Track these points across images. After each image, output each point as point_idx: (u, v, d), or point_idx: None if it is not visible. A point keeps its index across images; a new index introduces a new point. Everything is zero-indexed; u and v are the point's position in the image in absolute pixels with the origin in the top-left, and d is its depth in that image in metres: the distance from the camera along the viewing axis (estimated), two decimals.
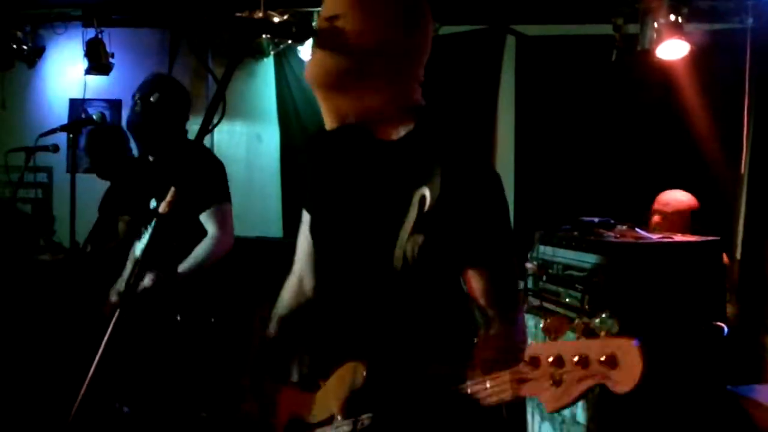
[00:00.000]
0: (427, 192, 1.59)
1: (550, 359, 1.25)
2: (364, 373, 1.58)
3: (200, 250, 3.05)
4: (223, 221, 3.07)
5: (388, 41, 1.58)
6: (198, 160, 3.01)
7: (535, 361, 1.27)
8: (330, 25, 1.59)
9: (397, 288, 1.63)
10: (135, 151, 4.04)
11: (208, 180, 3.08)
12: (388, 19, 1.59)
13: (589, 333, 1.26)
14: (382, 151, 1.68)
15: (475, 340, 1.68)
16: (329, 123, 1.67)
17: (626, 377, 1.19)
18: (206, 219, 3.06)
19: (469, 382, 1.42)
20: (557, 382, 1.24)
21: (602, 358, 1.20)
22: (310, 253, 1.89)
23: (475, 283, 1.64)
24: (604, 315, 1.29)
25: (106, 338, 1.42)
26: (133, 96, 3.19)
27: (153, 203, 3.08)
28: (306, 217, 1.87)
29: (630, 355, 1.19)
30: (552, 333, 1.28)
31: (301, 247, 1.91)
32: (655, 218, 4.19)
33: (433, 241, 1.59)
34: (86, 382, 1.40)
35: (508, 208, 1.68)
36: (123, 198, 4.03)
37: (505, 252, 1.66)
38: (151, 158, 3.22)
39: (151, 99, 3.11)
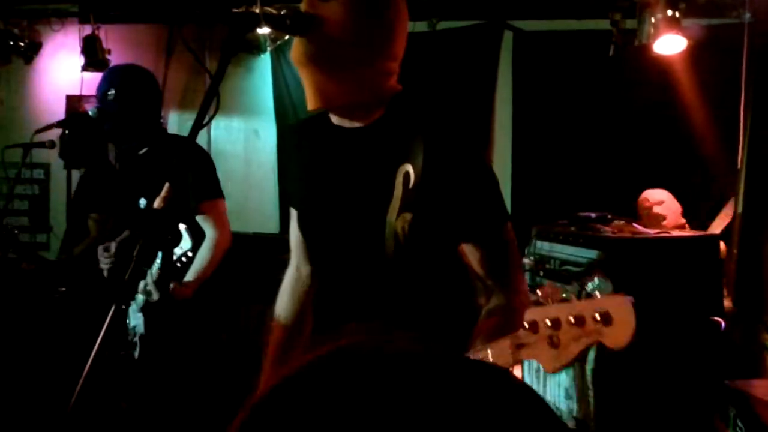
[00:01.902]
0: (410, 168, 1.60)
1: (548, 322, 1.26)
2: None
3: (202, 256, 2.98)
4: (219, 220, 3.02)
5: (365, 31, 1.61)
6: (188, 154, 2.99)
7: (533, 326, 1.28)
8: (329, 4, 1.61)
9: (393, 268, 1.63)
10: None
11: (200, 175, 3.00)
12: (365, 10, 1.61)
13: (584, 295, 1.28)
14: (357, 136, 1.69)
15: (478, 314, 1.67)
16: (311, 104, 1.68)
17: (621, 333, 1.21)
18: (202, 220, 3.01)
19: (471, 351, 1.43)
20: (555, 344, 1.26)
21: (596, 316, 1.22)
22: (301, 244, 1.91)
23: (471, 255, 1.64)
24: (596, 278, 1.30)
25: (101, 336, 1.42)
26: (96, 96, 3.10)
27: (142, 202, 3.03)
28: (293, 213, 1.89)
29: (623, 311, 1.21)
30: (548, 299, 1.30)
31: (293, 240, 1.94)
32: (658, 212, 4.22)
33: (422, 218, 1.59)
34: (82, 378, 1.40)
35: (494, 176, 1.68)
36: (96, 194, 4.01)
37: (497, 220, 1.66)
38: (140, 152, 3.14)
39: (108, 96, 3.02)
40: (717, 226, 4.09)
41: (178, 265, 2.80)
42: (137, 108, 3.04)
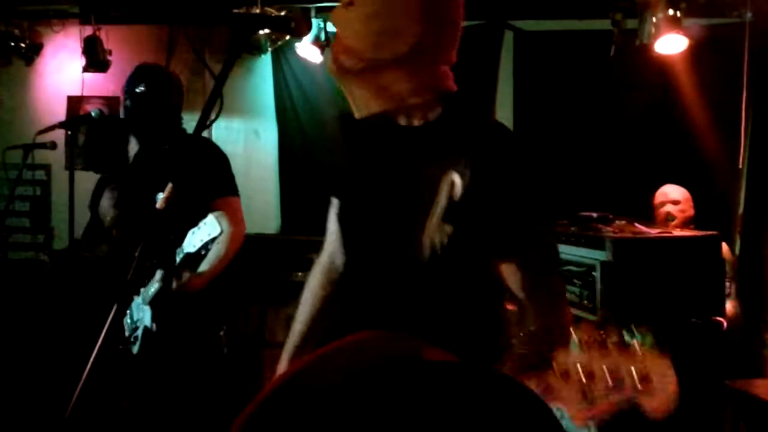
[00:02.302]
0: (456, 178, 1.54)
1: (581, 372, 1.18)
2: None
3: (217, 250, 3.03)
4: (233, 216, 3.08)
5: (414, 27, 1.53)
6: (203, 153, 3.10)
7: (565, 374, 1.19)
8: (349, 11, 1.56)
9: (426, 277, 1.58)
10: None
11: (214, 173, 3.09)
12: (415, 3, 1.53)
13: (623, 345, 1.19)
14: (408, 136, 1.63)
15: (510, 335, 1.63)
16: (358, 112, 1.62)
17: (660, 401, 1.13)
18: (218, 216, 3.02)
19: None
20: (586, 396, 1.17)
21: (635, 377, 1.13)
22: (338, 235, 1.84)
23: (510, 275, 1.58)
24: (634, 327, 1.21)
25: (103, 334, 1.42)
26: (123, 91, 3.22)
27: (160, 197, 3.07)
28: (334, 201, 1.84)
29: (665, 377, 1.13)
30: (583, 343, 1.21)
31: (331, 229, 1.89)
32: (670, 210, 4.21)
33: (462, 232, 1.53)
34: (84, 376, 1.40)
35: (547, 195, 1.59)
36: (120, 194, 4.03)
37: (542, 243, 1.59)
38: (160, 149, 3.20)
39: (137, 90, 3.13)
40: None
41: (203, 252, 2.84)
42: (163, 105, 3.16)
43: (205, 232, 2.74)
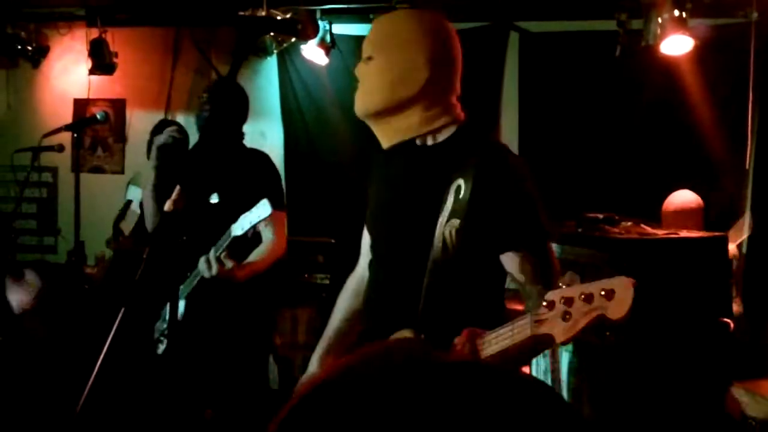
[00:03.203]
0: (462, 182, 1.84)
1: (562, 300, 1.48)
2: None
3: (261, 250, 3.06)
4: (280, 230, 3.12)
5: (422, 72, 1.90)
6: (259, 165, 3.22)
7: (550, 304, 1.50)
8: (368, 65, 1.93)
9: (437, 269, 1.84)
10: None
11: (268, 186, 3.12)
12: (421, 53, 1.90)
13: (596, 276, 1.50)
14: (422, 154, 1.98)
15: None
16: (384, 144, 1.98)
17: (620, 306, 1.44)
18: (263, 226, 3.04)
19: (495, 331, 1.65)
20: (567, 319, 1.47)
21: (602, 293, 1.45)
22: (368, 250, 2.12)
23: (511, 263, 1.86)
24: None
25: (111, 334, 1.43)
26: (200, 99, 3.31)
27: (215, 198, 3.10)
28: (367, 213, 2.14)
29: (624, 288, 1.45)
30: (564, 284, 1.53)
31: (364, 243, 2.18)
32: (674, 219, 4.20)
33: (468, 225, 1.81)
34: (92, 377, 1.41)
35: (536, 196, 1.92)
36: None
37: (536, 235, 1.88)
38: (219, 155, 3.25)
39: (216, 100, 3.21)
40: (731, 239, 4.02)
41: (249, 236, 2.87)
42: (233, 117, 3.27)
43: (255, 214, 2.77)
